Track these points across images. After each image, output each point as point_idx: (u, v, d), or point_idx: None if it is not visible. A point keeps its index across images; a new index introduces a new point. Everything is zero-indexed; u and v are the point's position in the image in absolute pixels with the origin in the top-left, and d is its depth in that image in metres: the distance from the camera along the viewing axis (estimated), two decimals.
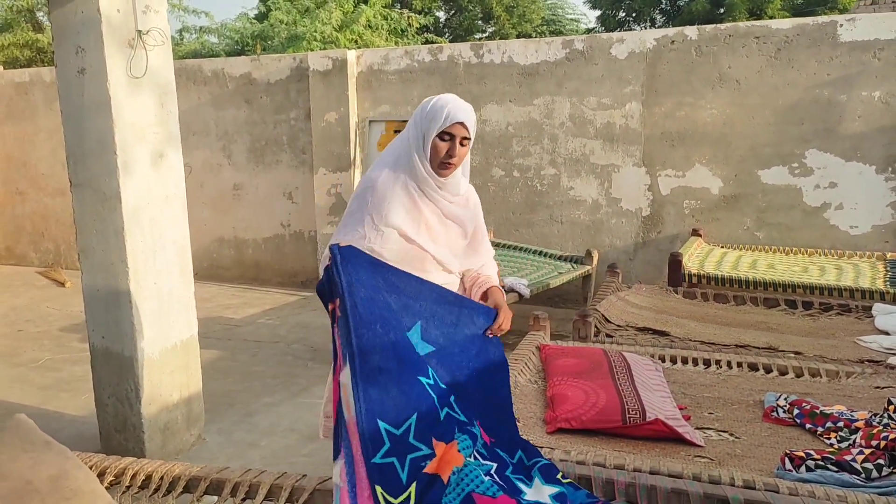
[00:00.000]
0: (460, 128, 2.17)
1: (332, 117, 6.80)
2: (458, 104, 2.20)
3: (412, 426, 1.64)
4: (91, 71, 3.29)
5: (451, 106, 2.18)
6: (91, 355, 3.61)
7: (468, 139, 2.20)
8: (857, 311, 3.89)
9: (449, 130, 2.16)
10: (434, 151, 2.18)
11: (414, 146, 2.22)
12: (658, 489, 1.85)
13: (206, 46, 13.32)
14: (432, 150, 2.18)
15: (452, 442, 1.70)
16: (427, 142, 2.18)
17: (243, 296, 7.02)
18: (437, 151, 2.18)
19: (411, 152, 2.22)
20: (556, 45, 6.09)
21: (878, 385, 2.89)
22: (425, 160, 2.20)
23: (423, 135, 2.19)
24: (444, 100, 2.21)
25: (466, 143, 2.20)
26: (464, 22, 17.17)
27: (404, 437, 1.62)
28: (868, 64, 5.24)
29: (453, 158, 2.18)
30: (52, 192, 8.26)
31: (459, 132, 2.17)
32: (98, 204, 3.41)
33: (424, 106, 2.24)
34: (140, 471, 1.96)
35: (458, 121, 2.16)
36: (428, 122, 2.19)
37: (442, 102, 2.20)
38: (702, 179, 5.79)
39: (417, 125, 2.23)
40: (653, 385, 2.82)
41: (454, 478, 1.66)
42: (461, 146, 2.18)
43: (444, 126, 2.15)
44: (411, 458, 1.61)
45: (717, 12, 15.10)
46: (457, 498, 1.63)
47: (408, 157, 2.22)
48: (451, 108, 2.18)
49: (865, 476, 2.09)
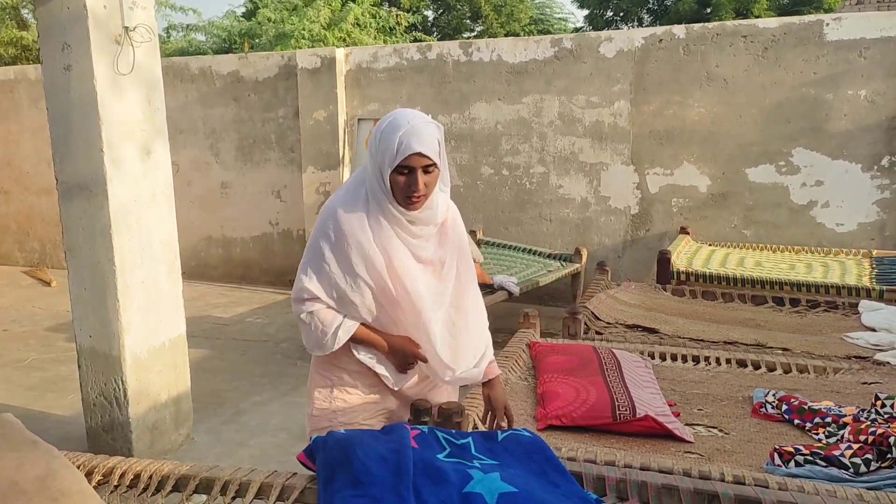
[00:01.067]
0: (418, 158, 1.83)
1: (321, 115, 6.78)
2: (414, 128, 1.84)
3: None
4: (77, 68, 3.26)
5: (403, 133, 1.83)
6: (78, 355, 3.58)
7: (433, 165, 1.86)
8: (844, 307, 3.91)
9: (405, 164, 1.84)
10: (394, 188, 1.88)
11: (375, 180, 1.92)
12: (649, 485, 1.85)
13: (194, 44, 13.24)
14: (393, 188, 1.88)
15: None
16: (385, 181, 1.88)
17: (231, 294, 6.99)
18: (397, 187, 1.87)
19: (374, 187, 1.93)
20: (544, 44, 6.10)
21: (865, 381, 2.91)
22: (387, 196, 1.90)
23: (380, 169, 1.89)
24: (395, 124, 1.86)
25: (433, 170, 1.87)
26: (452, 21, 17.16)
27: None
28: (854, 63, 5.27)
29: (417, 193, 1.86)
30: (37, 192, 8.19)
31: (418, 163, 1.83)
32: (85, 202, 3.38)
33: (377, 130, 1.91)
34: (129, 470, 1.94)
35: (413, 152, 1.82)
36: (381, 155, 1.87)
37: (393, 127, 1.86)
38: (690, 178, 5.82)
39: (373, 155, 1.91)
40: (642, 382, 2.83)
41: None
42: (425, 174, 1.86)
43: (398, 160, 1.83)
44: None
45: (704, 12, 15.18)
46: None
47: (372, 192, 1.94)
48: (405, 135, 1.83)
49: (854, 471, 2.11)
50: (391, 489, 1.60)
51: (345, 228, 1.92)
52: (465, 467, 1.72)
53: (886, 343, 3.33)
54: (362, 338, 2.02)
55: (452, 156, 6.48)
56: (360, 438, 1.78)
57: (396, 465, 1.67)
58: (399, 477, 1.64)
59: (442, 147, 1.90)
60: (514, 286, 4.86)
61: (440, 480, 1.64)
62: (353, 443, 1.75)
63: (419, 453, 1.74)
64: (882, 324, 3.55)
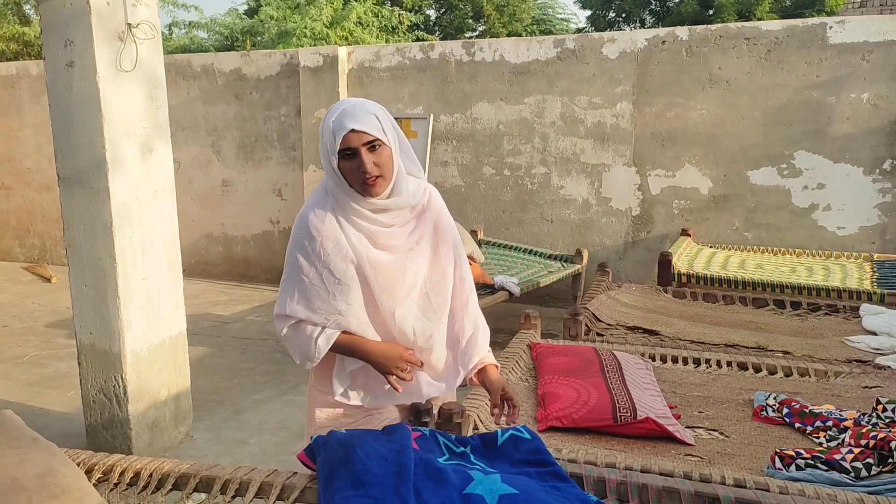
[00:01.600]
0: (355, 136, 1.77)
1: (323, 114, 6.76)
2: (347, 110, 1.79)
3: None
4: (80, 64, 3.25)
5: (336, 116, 1.79)
6: (78, 351, 3.58)
7: (376, 140, 1.79)
8: (845, 311, 3.91)
9: (344, 146, 1.78)
10: (347, 176, 1.82)
11: (330, 177, 1.87)
12: (649, 487, 1.85)
13: (196, 41, 13.24)
14: (346, 176, 1.82)
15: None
16: (336, 173, 1.82)
17: (232, 292, 6.99)
18: (349, 174, 1.81)
19: (332, 186, 1.87)
20: (547, 44, 6.09)
21: (866, 385, 2.91)
22: (344, 189, 1.85)
23: (330, 166, 1.83)
24: (331, 112, 1.82)
25: (379, 145, 1.79)
26: (454, 20, 17.16)
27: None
28: (857, 66, 5.27)
29: (368, 173, 1.78)
30: (38, 188, 8.19)
31: (357, 141, 1.77)
32: (86, 199, 3.37)
33: (320, 127, 1.87)
34: (129, 468, 1.94)
35: (347, 131, 1.76)
36: (325, 148, 1.83)
37: (328, 115, 1.83)
38: (691, 179, 5.81)
39: (322, 153, 1.87)
40: (643, 384, 2.83)
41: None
42: (372, 152, 1.79)
43: (338, 145, 1.77)
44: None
45: (707, 14, 15.17)
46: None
47: (332, 193, 1.88)
48: (337, 119, 1.79)
49: (854, 475, 2.10)
50: (392, 490, 1.60)
51: (315, 234, 1.86)
52: (465, 468, 1.71)
53: (887, 347, 3.33)
54: (345, 345, 1.92)
55: (454, 155, 6.48)
56: (361, 438, 1.77)
57: (397, 466, 1.66)
58: (400, 477, 1.63)
59: (387, 124, 1.83)
60: (514, 287, 4.86)
61: (441, 481, 1.64)
62: (355, 443, 1.74)
63: (420, 454, 1.73)
64: (883, 328, 3.55)
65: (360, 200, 1.85)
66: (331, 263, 1.86)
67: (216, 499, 1.85)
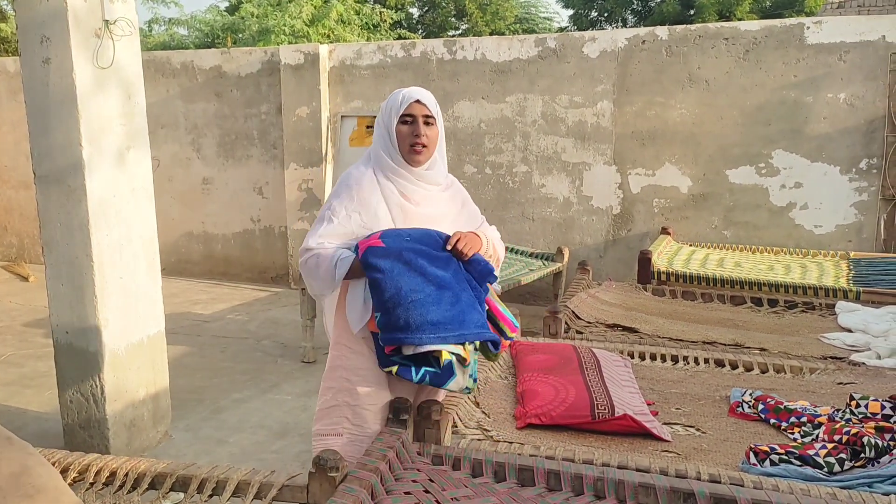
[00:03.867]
0: (418, 106, 2.13)
1: (304, 112, 6.75)
2: (414, 88, 2.19)
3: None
4: (56, 61, 3.22)
5: (406, 91, 2.18)
6: (55, 351, 3.55)
7: (432, 118, 2.15)
8: (821, 308, 3.96)
9: (408, 112, 2.13)
10: (400, 139, 2.14)
11: (381, 144, 2.19)
12: (626, 483, 1.87)
13: (176, 38, 13.13)
14: (399, 139, 2.14)
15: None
16: (392, 134, 2.15)
17: (212, 291, 6.95)
18: (402, 137, 2.14)
19: (379, 151, 2.19)
20: (528, 43, 6.11)
21: (840, 381, 2.95)
22: (395, 152, 2.16)
23: (387, 127, 2.17)
24: (398, 90, 2.21)
25: (433, 122, 2.15)
26: (437, 19, 17.14)
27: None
28: (834, 66, 5.33)
29: (420, 138, 2.12)
30: (16, 185, 8.09)
31: (419, 111, 2.13)
32: (63, 196, 3.34)
33: (384, 104, 2.24)
34: (105, 467, 1.93)
35: (413, 99, 2.13)
36: (388, 114, 2.17)
37: (397, 91, 2.20)
38: (671, 178, 5.86)
39: (380, 123, 2.21)
40: (622, 381, 2.85)
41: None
42: (426, 125, 2.14)
43: (402, 109, 2.13)
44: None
45: (688, 14, 15.27)
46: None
47: (378, 157, 2.19)
48: (407, 92, 2.17)
49: (828, 470, 2.13)
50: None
51: (353, 184, 2.15)
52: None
53: (862, 344, 3.37)
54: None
55: None
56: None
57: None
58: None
59: (439, 112, 2.18)
60: (495, 285, 4.86)
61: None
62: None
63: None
64: (858, 325, 3.60)
65: (402, 165, 2.16)
66: (361, 209, 2.12)
67: (193, 498, 1.85)
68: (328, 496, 1.75)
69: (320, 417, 2.23)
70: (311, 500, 1.81)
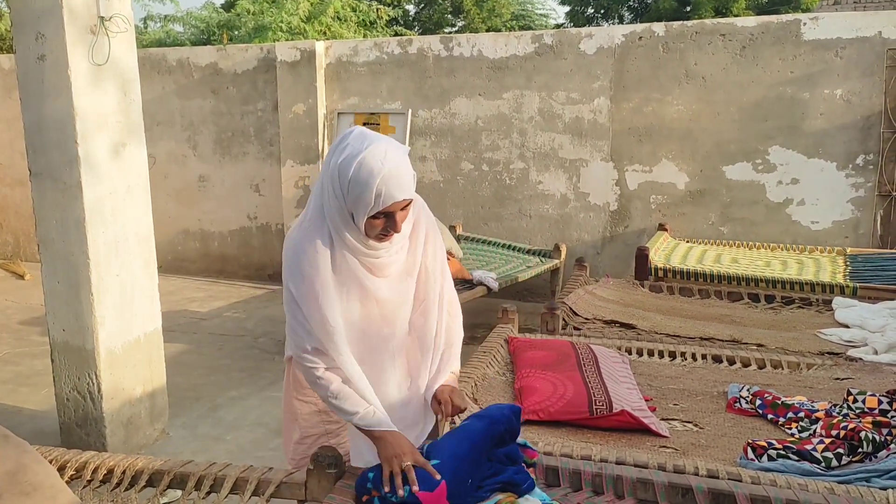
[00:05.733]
0: (399, 204, 1.72)
1: (300, 109, 6.73)
2: (391, 171, 1.67)
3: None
4: (51, 58, 3.21)
5: (381, 180, 1.66)
6: (51, 349, 3.54)
7: (409, 202, 1.77)
8: (818, 304, 3.97)
9: (385, 210, 1.71)
10: (369, 229, 1.76)
11: (340, 220, 1.76)
12: (624, 479, 1.87)
13: (171, 35, 13.09)
14: (367, 228, 1.75)
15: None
16: (359, 222, 1.75)
17: (209, 289, 6.93)
18: (372, 229, 1.76)
19: (339, 227, 1.77)
20: (525, 40, 6.10)
21: (837, 377, 2.95)
22: (359, 236, 1.78)
23: (351, 213, 1.74)
24: (368, 170, 1.66)
25: (408, 207, 1.78)
26: (433, 15, 17.13)
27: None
28: (830, 62, 5.33)
29: (399, 233, 1.78)
30: (11, 183, 8.06)
31: (399, 206, 1.73)
32: (58, 194, 3.33)
33: (343, 172, 1.70)
34: (102, 465, 1.92)
35: (395, 201, 1.70)
36: (354, 202, 1.71)
37: (366, 173, 1.66)
38: (668, 175, 5.86)
39: (339, 196, 1.73)
40: (619, 377, 2.85)
41: None
42: (403, 211, 1.76)
43: (378, 208, 1.70)
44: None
45: (684, 10, 15.28)
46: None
47: (337, 230, 1.78)
48: (382, 183, 1.66)
49: (825, 465, 2.14)
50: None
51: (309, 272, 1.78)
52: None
53: (859, 339, 3.38)
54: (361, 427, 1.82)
55: (433, 151, 6.47)
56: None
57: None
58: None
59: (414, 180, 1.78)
60: (493, 281, 4.87)
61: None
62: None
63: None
64: (855, 320, 3.60)
65: (367, 245, 1.80)
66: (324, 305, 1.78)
67: (190, 495, 1.84)
68: (326, 493, 1.74)
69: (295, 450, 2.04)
70: (310, 497, 1.81)
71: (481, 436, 1.73)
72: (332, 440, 2.01)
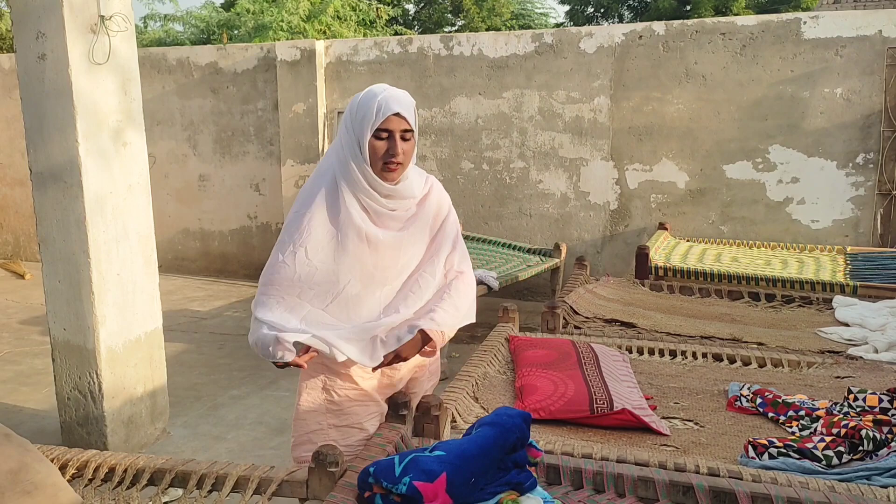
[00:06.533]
0: (397, 120, 1.85)
1: (300, 108, 6.73)
2: (391, 93, 1.88)
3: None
4: (52, 57, 3.21)
5: (382, 97, 1.86)
6: (52, 348, 3.54)
7: (410, 131, 1.88)
8: (818, 303, 3.96)
9: (384, 126, 1.85)
10: (373, 153, 1.87)
11: (349, 153, 1.90)
12: (625, 477, 1.87)
13: (171, 35, 13.10)
14: (371, 153, 1.87)
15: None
16: (363, 145, 1.87)
17: (209, 288, 6.94)
18: (375, 153, 1.87)
19: (348, 160, 1.90)
20: (525, 39, 6.10)
21: (838, 375, 2.95)
22: (365, 166, 1.89)
23: (358, 139, 1.88)
24: (372, 91, 1.89)
25: (409, 137, 1.89)
26: (433, 15, 17.13)
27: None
28: (831, 61, 5.33)
29: (396, 157, 1.86)
30: (11, 183, 8.06)
31: (397, 126, 1.86)
32: (59, 193, 3.33)
33: (353, 104, 1.93)
34: (103, 463, 1.92)
35: (392, 112, 1.85)
36: (360, 123, 1.88)
37: (370, 95, 1.89)
38: (668, 174, 5.86)
39: (349, 128, 1.91)
40: (620, 375, 2.85)
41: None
42: (403, 141, 1.87)
43: (378, 122, 1.85)
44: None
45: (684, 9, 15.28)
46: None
47: (345, 166, 1.91)
48: (383, 99, 1.86)
49: (826, 463, 2.14)
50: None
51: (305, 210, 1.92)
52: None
53: (859, 338, 3.38)
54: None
55: (433, 150, 6.48)
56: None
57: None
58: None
59: (416, 120, 1.92)
60: (493, 281, 4.87)
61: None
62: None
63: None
64: (855, 319, 3.60)
65: (373, 181, 1.89)
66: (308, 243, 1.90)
67: (192, 493, 1.84)
68: (328, 491, 1.74)
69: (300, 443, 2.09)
70: (311, 496, 1.81)
71: (492, 442, 1.73)
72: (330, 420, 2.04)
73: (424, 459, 1.63)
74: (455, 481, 1.60)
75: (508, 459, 1.77)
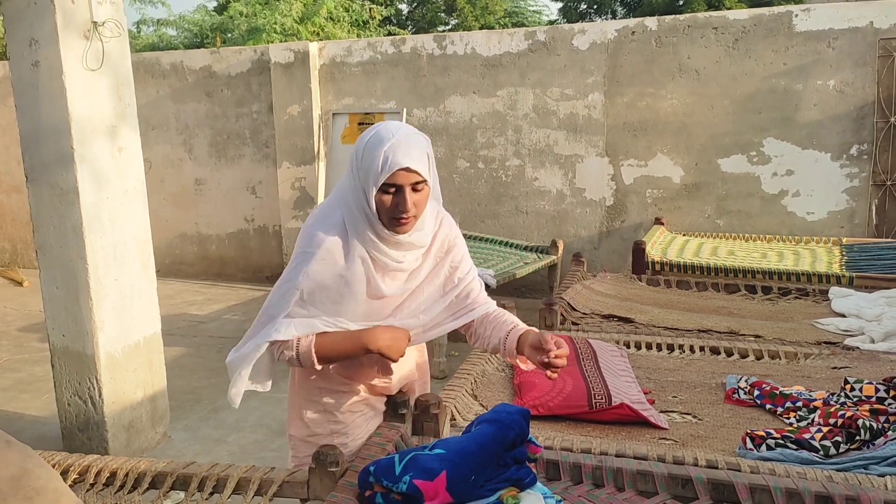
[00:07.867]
0: (405, 174, 1.66)
1: (295, 110, 6.74)
2: (400, 140, 1.66)
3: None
4: (45, 64, 3.21)
5: (389, 146, 1.65)
6: (51, 354, 3.54)
7: (423, 182, 1.69)
8: (815, 294, 3.97)
9: (391, 182, 1.66)
10: (380, 207, 1.70)
11: (355, 201, 1.74)
12: (624, 471, 1.88)
13: (165, 39, 13.08)
14: (379, 208, 1.70)
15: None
16: (369, 198, 1.70)
17: (207, 292, 6.94)
18: (383, 207, 1.70)
19: (353, 210, 1.75)
20: (518, 37, 6.11)
21: (834, 366, 2.97)
22: (373, 218, 1.72)
23: (363, 189, 1.71)
24: (379, 137, 1.69)
25: (422, 188, 1.70)
26: (427, 14, 17.11)
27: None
28: (823, 53, 5.35)
29: (407, 213, 1.69)
30: (7, 190, 8.06)
31: (406, 180, 1.66)
32: (55, 199, 3.34)
33: (358, 146, 1.73)
34: (105, 468, 1.93)
35: (400, 168, 1.65)
36: (365, 172, 1.69)
37: (376, 141, 1.68)
38: (663, 169, 5.87)
39: (354, 173, 1.74)
40: (618, 370, 2.86)
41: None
42: (415, 192, 1.69)
43: (384, 177, 1.66)
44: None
45: (677, 4, 15.28)
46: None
47: (352, 214, 1.75)
48: (390, 149, 1.65)
49: (824, 453, 2.15)
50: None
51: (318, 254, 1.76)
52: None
53: (856, 328, 3.39)
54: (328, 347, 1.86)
55: None
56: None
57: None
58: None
59: (432, 161, 1.75)
60: (491, 279, 4.88)
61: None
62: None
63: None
64: (852, 310, 3.62)
65: (381, 232, 1.75)
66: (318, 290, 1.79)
67: (194, 496, 1.85)
68: (329, 491, 1.75)
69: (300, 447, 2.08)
70: (312, 496, 1.81)
71: (491, 439, 1.74)
72: (337, 440, 2.03)
73: (424, 458, 1.64)
74: (455, 479, 1.61)
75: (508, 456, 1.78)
